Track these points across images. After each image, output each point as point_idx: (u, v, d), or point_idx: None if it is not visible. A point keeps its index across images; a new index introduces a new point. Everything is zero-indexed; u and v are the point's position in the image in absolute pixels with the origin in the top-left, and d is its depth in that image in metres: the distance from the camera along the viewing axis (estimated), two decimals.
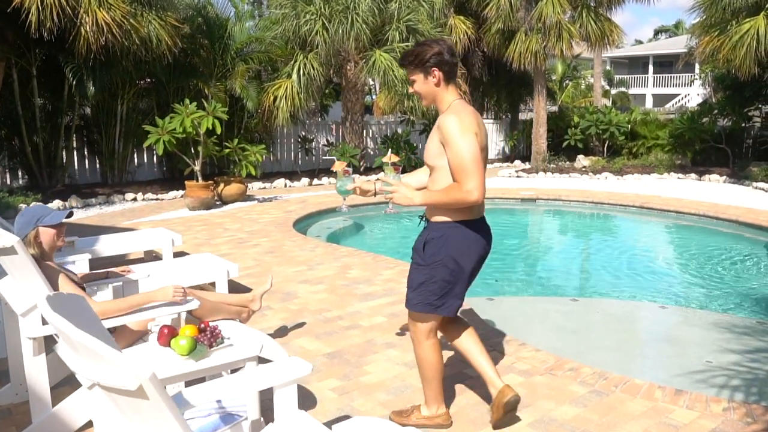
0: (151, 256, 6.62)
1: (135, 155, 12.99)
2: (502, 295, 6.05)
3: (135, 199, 11.30)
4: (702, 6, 13.80)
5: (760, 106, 15.79)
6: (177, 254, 6.90)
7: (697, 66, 24.77)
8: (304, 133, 15.25)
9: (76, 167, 12.45)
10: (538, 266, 7.45)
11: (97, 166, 12.61)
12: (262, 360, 3.98)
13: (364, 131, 15.89)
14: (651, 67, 36.59)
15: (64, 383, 3.50)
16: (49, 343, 3.30)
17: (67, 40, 9.71)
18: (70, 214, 3.33)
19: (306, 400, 3.49)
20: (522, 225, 10.30)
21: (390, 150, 3.12)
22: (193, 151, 10.36)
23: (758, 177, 13.25)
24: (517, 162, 18.56)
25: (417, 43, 2.89)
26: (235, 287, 5.63)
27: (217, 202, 10.73)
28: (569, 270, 7.27)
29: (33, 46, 10.36)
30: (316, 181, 13.82)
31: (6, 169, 11.75)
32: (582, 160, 16.39)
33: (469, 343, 3.20)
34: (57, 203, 10.06)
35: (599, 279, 6.84)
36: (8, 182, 11.72)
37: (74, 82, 10.31)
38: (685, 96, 33.17)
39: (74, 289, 3.14)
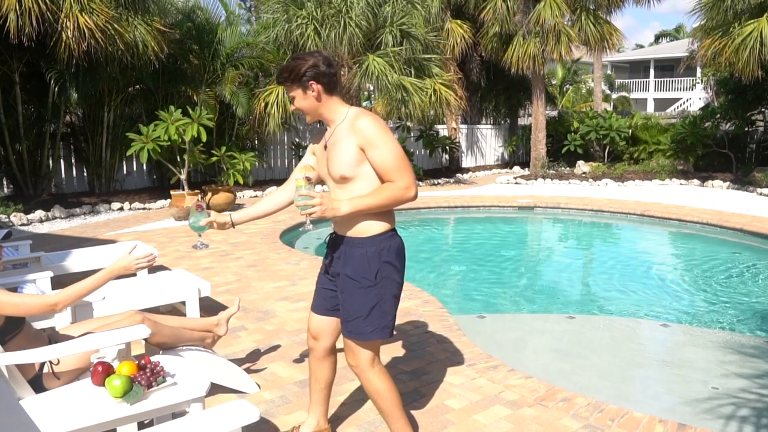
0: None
1: (124, 163, 12.69)
2: (494, 311, 5.71)
3: (122, 209, 10.99)
4: (703, 8, 13.50)
5: (763, 109, 15.47)
6: (154, 268, 6.60)
7: (698, 70, 24.47)
8: (298, 140, 14.94)
9: (63, 176, 12.14)
10: (534, 279, 7.11)
11: (85, 174, 12.30)
12: (228, 390, 3.66)
13: None
14: (652, 71, 36.28)
15: None
16: None
17: (48, 46, 9.41)
18: (8, 235, 3.01)
19: None
20: (518, 234, 9.97)
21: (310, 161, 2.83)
22: (179, 159, 10.05)
23: (762, 183, 12.91)
24: (516, 168, 18.26)
25: (292, 57, 2.71)
26: (210, 305, 5.32)
27: None
28: (566, 284, 6.93)
29: (15, 52, 10.07)
30: None
31: None
32: (582, 166, 16.06)
33: None
34: (39, 213, 9.75)
35: (597, 293, 6.50)
36: None
37: (56, 89, 10.02)
38: (687, 100, 32.85)
39: (20, 299, 2.81)
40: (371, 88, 21.29)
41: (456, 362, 4.07)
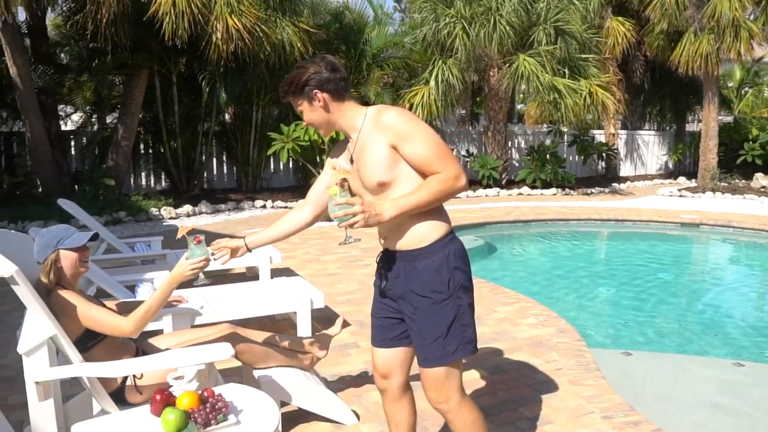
0: (254, 273, 6.23)
1: (271, 162, 13.01)
2: (643, 348, 4.93)
3: (264, 206, 11.20)
4: None
5: None
6: (279, 271, 6.50)
7: None
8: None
9: (214, 172, 12.68)
10: (695, 311, 6.15)
11: (234, 171, 12.75)
12: (323, 419, 3.32)
13: (509, 141, 14.92)
14: None
15: None
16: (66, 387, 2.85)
17: (199, 48, 9.76)
18: (95, 237, 2.85)
19: None
20: (679, 256, 8.85)
21: (340, 161, 2.36)
22: (318, 159, 10.04)
23: None
24: (682, 179, 16.62)
25: (295, 67, 2.34)
26: (326, 315, 5.05)
27: None
28: (735, 320, 5.91)
29: (173, 55, 10.57)
30: None
31: (151, 173, 12.20)
32: (761, 180, 14.24)
33: None
34: (187, 208, 10.15)
35: None
36: (152, 185, 12.17)
37: (207, 89, 10.39)
38: None
39: (98, 314, 2.66)
40: (525, 87, 20.51)
41: (588, 412, 3.44)
